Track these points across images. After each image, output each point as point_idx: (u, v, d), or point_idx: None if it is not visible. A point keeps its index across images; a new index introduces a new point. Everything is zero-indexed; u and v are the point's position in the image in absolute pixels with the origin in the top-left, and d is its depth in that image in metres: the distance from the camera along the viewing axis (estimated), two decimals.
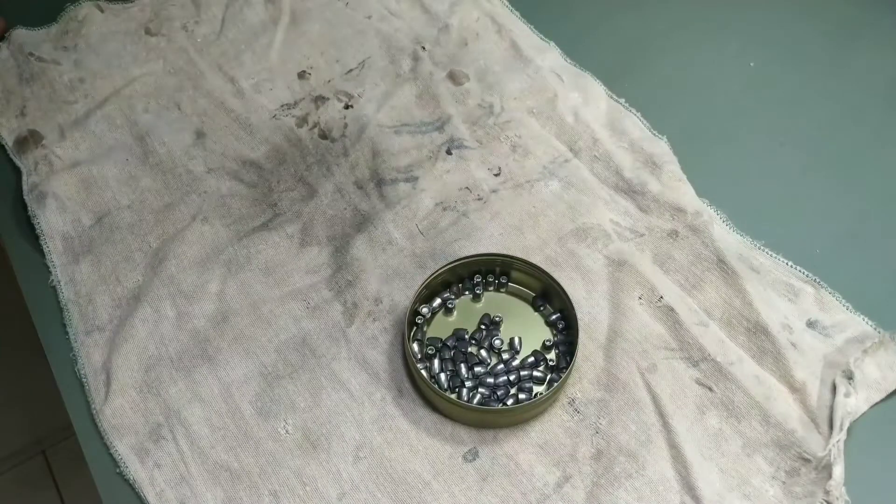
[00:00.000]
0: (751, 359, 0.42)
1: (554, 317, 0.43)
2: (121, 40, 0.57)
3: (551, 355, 0.42)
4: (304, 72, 0.55)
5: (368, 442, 0.39)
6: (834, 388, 0.40)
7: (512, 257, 0.44)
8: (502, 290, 0.45)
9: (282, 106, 0.54)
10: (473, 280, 0.44)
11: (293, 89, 0.55)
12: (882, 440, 0.40)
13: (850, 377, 0.40)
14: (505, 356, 0.42)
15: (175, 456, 0.39)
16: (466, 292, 0.45)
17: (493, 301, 0.45)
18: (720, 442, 0.39)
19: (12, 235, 0.48)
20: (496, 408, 0.40)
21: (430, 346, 0.42)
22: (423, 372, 0.40)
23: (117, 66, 0.55)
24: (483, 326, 0.43)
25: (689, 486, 0.38)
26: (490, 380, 0.41)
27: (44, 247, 0.46)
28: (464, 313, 0.44)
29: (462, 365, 0.41)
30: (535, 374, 0.41)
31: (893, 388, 0.40)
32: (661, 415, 0.40)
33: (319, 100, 0.54)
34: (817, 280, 0.44)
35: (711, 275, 0.45)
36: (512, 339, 0.43)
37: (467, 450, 0.39)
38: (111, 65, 0.55)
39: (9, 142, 0.51)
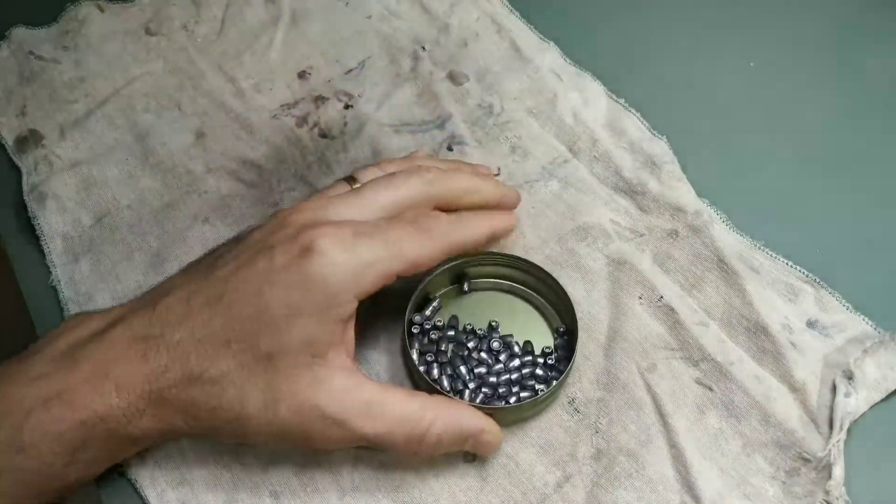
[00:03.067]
0: (751, 359, 0.42)
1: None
2: (121, 40, 0.56)
3: (549, 348, 0.42)
4: (304, 72, 0.55)
5: None
6: (834, 388, 0.40)
7: (504, 254, 0.43)
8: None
9: (282, 106, 0.54)
10: (468, 279, 0.44)
11: (293, 89, 0.55)
12: (882, 440, 0.40)
13: (850, 377, 0.40)
14: (503, 357, 0.42)
15: (176, 456, 0.39)
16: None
17: (486, 297, 0.44)
18: (720, 442, 0.39)
19: (12, 235, 0.48)
20: (500, 405, 0.39)
21: (427, 352, 0.42)
22: (427, 377, 0.40)
23: (117, 65, 0.55)
24: (479, 330, 0.43)
25: (689, 486, 0.38)
26: (492, 379, 0.41)
27: (44, 247, 0.46)
28: (457, 312, 0.43)
29: (462, 367, 0.41)
30: (537, 372, 0.41)
31: (893, 388, 0.41)
32: (661, 414, 0.40)
33: (319, 99, 0.54)
34: (817, 280, 0.44)
35: (711, 275, 0.45)
36: (509, 341, 0.42)
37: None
38: (111, 64, 0.55)
39: (9, 141, 0.51)
